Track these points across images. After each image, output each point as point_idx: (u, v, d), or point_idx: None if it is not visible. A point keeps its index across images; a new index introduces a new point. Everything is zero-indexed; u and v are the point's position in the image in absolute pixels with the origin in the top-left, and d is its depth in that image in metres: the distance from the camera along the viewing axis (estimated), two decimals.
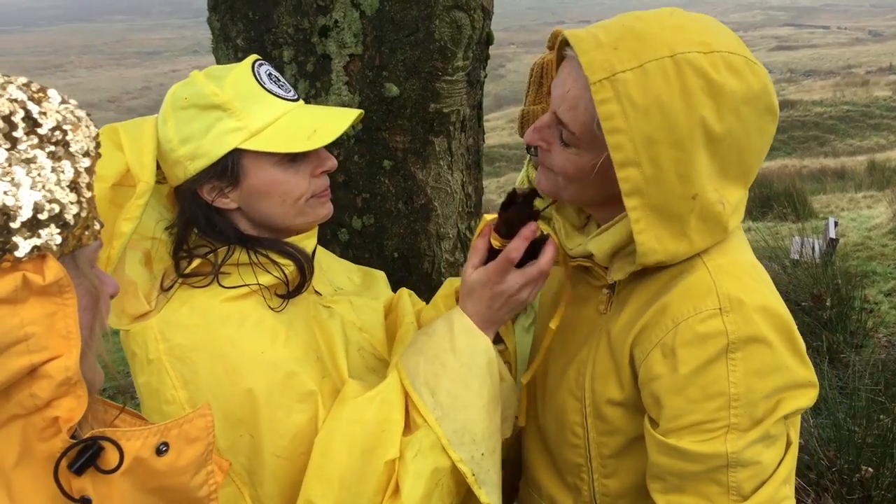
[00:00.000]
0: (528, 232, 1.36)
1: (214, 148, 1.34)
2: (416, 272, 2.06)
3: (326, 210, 1.47)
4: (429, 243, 2.06)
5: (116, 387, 5.39)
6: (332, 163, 1.44)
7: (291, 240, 1.44)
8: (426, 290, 1.89)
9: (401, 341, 1.56)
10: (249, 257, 1.38)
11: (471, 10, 1.93)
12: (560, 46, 1.28)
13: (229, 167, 1.35)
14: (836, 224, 7.20)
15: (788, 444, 1.24)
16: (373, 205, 1.99)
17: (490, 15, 2.05)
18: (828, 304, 5.21)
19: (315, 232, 1.48)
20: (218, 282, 1.37)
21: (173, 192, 1.45)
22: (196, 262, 1.37)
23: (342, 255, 2.00)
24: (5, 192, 0.78)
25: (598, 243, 1.31)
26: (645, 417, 1.26)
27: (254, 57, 1.42)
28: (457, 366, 1.35)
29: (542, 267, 1.37)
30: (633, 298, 1.30)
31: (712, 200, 1.19)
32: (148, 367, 1.33)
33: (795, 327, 1.22)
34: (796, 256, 6.42)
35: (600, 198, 1.29)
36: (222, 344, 1.32)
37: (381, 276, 1.80)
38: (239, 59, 1.91)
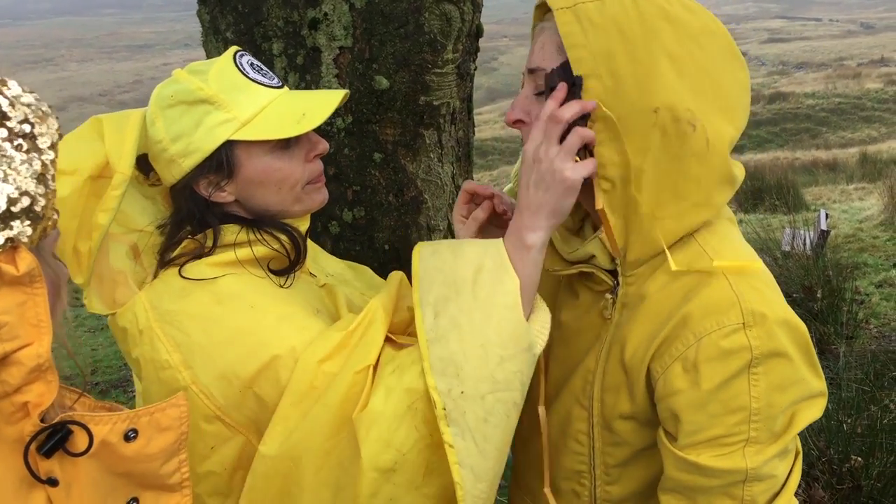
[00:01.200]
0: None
1: (206, 142, 1.33)
2: (406, 264, 2.06)
3: (322, 196, 1.47)
4: (419, 235, 2.06)
5: (109, 381, 5.39)
6: (323, 146, 1.44)
7: (285, 221, 1.45)
8: None
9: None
10: (247, 235, 1.38)
11: (460, 2, 1.93)
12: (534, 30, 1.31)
13: (223, 160, 1.35)
14: (827, 216, 7.22)
15: (796, 455, 1.26)
16: (363, 197, 1.99)
17: (479, 7, 2.05)
18: (819, 295, 5.22)
19: (308, 217, 1.49)
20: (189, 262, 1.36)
21: (169, 194, 1.45)
22: (185, 243, 1.37)
23: (333, 248, 2.01)
24: None
25: (599, 243, 1.29)
26: (660, 431, 1.25)
27: (234, 48, 1.42)
28: (470, 298, 1.24)
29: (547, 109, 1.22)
30: (646, 308, 1.27)
31: (680, 118, 1.17)
32: (140, 337, 1.34)
33: (809, 339, 1.22)
34: (787, 248, 6.43)
35: None
36: (212, 305, 1.32)
37: (367, 269, 1.80)
38: None
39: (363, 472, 1.22)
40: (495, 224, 1.46)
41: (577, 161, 1.21)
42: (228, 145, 1.34)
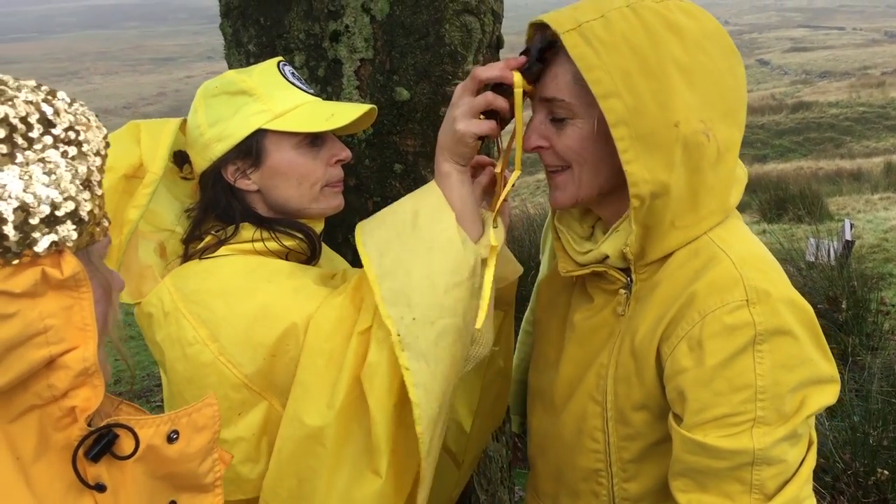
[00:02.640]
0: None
1: (239, 129, 1.44)
2: None
3: (338, 201, 1.55)
4: None
5: (131, 391, 5.43)
6: (346, 153, 1.53)
7: (301, 221, 1.53)
8: None
9: None
10: (262, 234, 1.46)
11: (481, 14, 1.94)
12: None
13: (253, 147, 1.45)
14: (851, 226, 7.16)
15: (810, 443, 1.25)
16: (384, 208, 2.00)
17: (500, 19, 2.05)
18: (843, 306, 5.18)
19: (322, 221, 1.57)
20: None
21: (198, 184, 1.53)
22: (207, 239, 1.46)
23: (354, 260, 2.01)
24: (24, 190, 0.82)
25: (613, 243, 1.32)
26: (670, 416, 1.26)
27: (278, 58, 1.53)
28: (412, 238, 1.35)
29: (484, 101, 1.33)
30: (656, 296, 1.29)
31: (696, 130, 1.21)
32: (165, 319, 1.42)
33: (817, 322, 1.22)
34: (812, 258, 6.38)
35: (613, 177, 1.29)
36: (232, 280, 1.41)
37: None
38: (251, 65, 1.92)
39: (377, 424, 1.32)
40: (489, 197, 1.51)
41: (480, 119, 1.33)
42: (260, 134, 1.45)
